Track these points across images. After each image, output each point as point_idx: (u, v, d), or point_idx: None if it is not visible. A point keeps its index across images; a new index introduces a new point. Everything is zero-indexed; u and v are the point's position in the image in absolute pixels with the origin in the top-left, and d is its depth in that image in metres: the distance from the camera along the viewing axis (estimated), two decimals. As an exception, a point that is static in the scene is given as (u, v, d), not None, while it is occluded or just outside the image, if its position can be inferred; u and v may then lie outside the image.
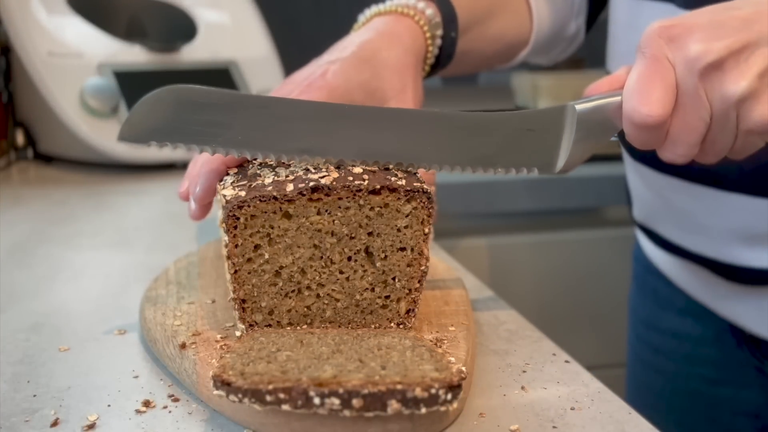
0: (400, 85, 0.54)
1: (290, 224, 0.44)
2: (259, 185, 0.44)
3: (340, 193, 0.44)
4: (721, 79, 0.41)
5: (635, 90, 0.43)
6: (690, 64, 0.42)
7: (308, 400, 0.36)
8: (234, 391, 0.37)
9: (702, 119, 0.43)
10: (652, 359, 0.78)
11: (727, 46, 0.41)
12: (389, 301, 0.47)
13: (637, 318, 0.81)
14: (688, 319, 0.72)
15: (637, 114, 0.43)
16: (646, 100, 0.42)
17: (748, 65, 0.41)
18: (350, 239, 0.45)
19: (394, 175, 0.45)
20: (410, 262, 0.46)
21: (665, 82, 0.42)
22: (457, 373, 0.37)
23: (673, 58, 0.43)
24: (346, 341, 0.42)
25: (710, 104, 0.42)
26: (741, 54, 0.41)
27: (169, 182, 0.97)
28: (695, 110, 0.43)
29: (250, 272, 0.45)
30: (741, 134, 0.43)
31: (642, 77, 0.43)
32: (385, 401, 0.36)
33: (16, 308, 0.57)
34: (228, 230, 0.44)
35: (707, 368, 0.71)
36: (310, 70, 0.55)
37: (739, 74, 0.41)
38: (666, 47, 0.43)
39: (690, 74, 0.42)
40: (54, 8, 1.07)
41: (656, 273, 0.76)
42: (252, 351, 0.41)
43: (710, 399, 0.72)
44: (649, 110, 0.42)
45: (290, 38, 1.46)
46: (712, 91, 0.42)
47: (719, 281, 0.65)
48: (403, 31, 0.56)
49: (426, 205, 0.45)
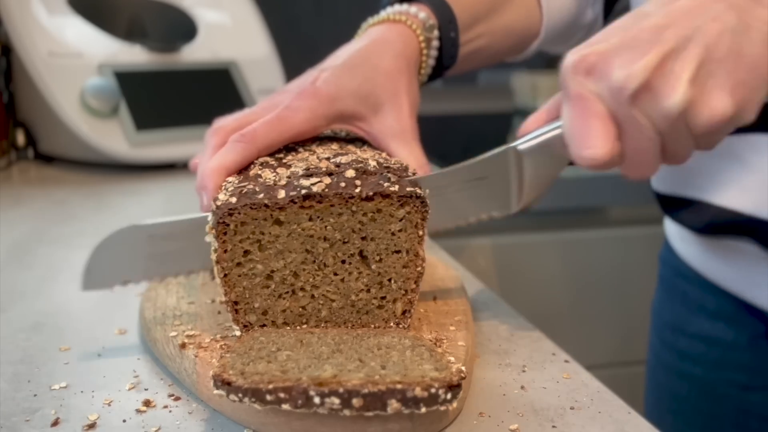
0: (393, 90, 0.54)
1: (281, 230, 0.44)
2: (250, 191, 0.44)
3: (332, 201, 0.43)
4: (654, 98, 0.40)
5: (572, 135, 0.42)
6: (617, 94, 0.41)
7: (308, 399, 0.36)
8: (234, 391, 0.37)
9: (649, 139, 0.42)
10: (677, 364, 0.76)
11: (647, 66, 0.40)
12: (385, 302, 0.46)
13: (662, 322, 0.79)
14: (720, 324, 0.71)
15: (583, 159, 0.42)
16: (586, 143, 0.41)
17: (675, 76, 0.40)
18: (343, 244, 0.45)
19: (387, 180, 0.44)
20: (406, 264, 0.46)
21: (598, 118, 0.41)
22: (456, 373, 0.37)
23: (598, 90, 0.41)
24: (345, 341, 0.42)
25: (653, 123, 0.41)
26: (664, 67, 0.40)
27: (169, 182, 0.97)
28: (640, 133, 0.41)
29: (240, 275, 0.44)
30: (699, 137, 0.42)
31: (574, 121, 0.42)
32: (385, 401, 0.36)
33: (16, 308, 0.57)
34: (218, 236, 0.43)
35: (738, 373, 0.70)
36: (302, 79, 0.55)
37: (670, 89, 0.40)
38: (586, 81, 0.42)
39: (620, 103, 0.41)
40: (54, 8, 1.07)
41: (686, 275, 0.74)
42: (252, 351, 0.41)
43: (739, 404, 0.71)
44: (592, 153, 0.41)
45: (290, 38, 1.46)
46: (649, 112, 0.41)
47: (762, 262, 0.63)
48: (395, 36, 0.56)
49: (419, 209, 0.44)
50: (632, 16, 0.43)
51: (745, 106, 0.41)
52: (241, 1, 1.24)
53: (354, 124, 0.54)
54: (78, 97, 1.01)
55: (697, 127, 0.41)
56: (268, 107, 0.53)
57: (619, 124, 0.42)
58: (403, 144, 0.53)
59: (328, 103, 0.52)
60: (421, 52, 0.58)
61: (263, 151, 0.49)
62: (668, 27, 0.40)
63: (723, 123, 0.40)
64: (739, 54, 0.40)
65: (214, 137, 0.51)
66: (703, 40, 0.40)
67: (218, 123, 0.53)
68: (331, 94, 0.52)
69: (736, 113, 0.40)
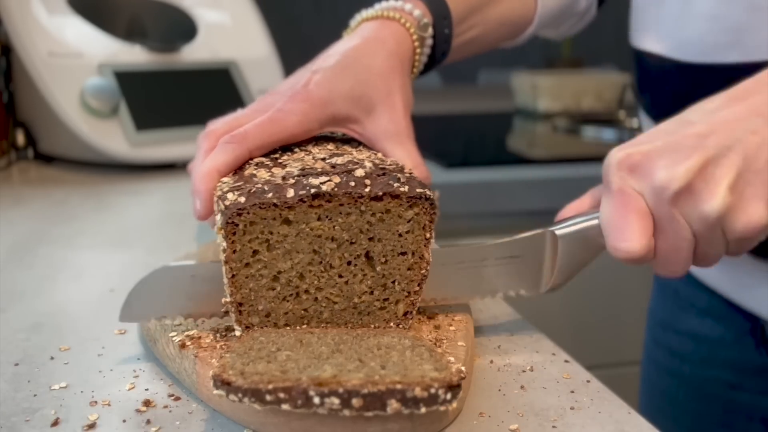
0: (386, 90, 0.54)
1: (290, 230, 0.44)
2: (258, 191, 0.43)
3: (342, 200, 0.43)
4: (694, 201, 0.41)
5: (610, 228, 0.43)
6: (658, 193, 0.42)
7: (308, 399, 0.36)
8: (234, 391, 0.37)
9: (685, 239, 0.43)
10: (668, 362, 0.77)
11: (690, 169, 0.41)
12: (387, 304, 0.46)
13: (655, 320, 0.80)
14: (708, 320, 0.71)
15: (618, 252, 0.43)
16: (622, 236, 0.43)
17: (716, 181, 0.41)
18: (351, 244, 0.45)
19: (396, 180, 0.44)
20: (411, 266, 0.45)
21: (638, 214, 0.42)
22: (456, 373, 0.37)
23: (639, 188, 0.43)
24: (345, 341, 0.42)
25: (690, 224, 0.42)
26: (706, 171, 0.41)
27: (169, 182, 0.97)
28: (676, 233, 0.43)
29: (248, 277, 0.44)
30: (732, 242, 0.43)
31: (613, 214, 0.43)
32: (384, 401, 0.36)
33: (16, 308, 0.57)
34: (226, 236, 0.43)
35: (725, 371, 0.71)
36: (294, 79, 0.55)
37: (709, 193, 0.41)
38: (629, 178, 0.43)
39: (661, 202, 0.42)
40: (54, 8, 1.07)
41: None
42: (252, 351, 0.41)
43: (726, 404, 0.71)
44: (628, 246, 0.42)
45: (290, 38, 1.46)
46: (688, 213, 0.42)
47: (749, 266, 0.64)
48: (388, 35, 0.56)
49: (428, 211, 0.44)
50: (676, 121, 0.44)
51: None
52: (241, 1, 1.24)
53: (347, 127, 0.54)
54: (78, 97, 1.01)
55: (732, 232, 0.42)
56: (260, 109, 0.53)
57: (656, 223, 0.43)
58: (399, 144, 0.53)
59: (321, 107, 0.52)
60: (414, 51, 0.57)
61: (254, 153, 0.49)
62: (710, 135, 0.42)
63: (758, 230, 0.42)
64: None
65: (205, 141, 0.51)
66: (742, 151, 0.41)
67: (210, 126, 0.53)
68: (323, 97, 0.52)
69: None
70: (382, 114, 0.53)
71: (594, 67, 2.02)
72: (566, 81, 1.75)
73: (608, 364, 1.27)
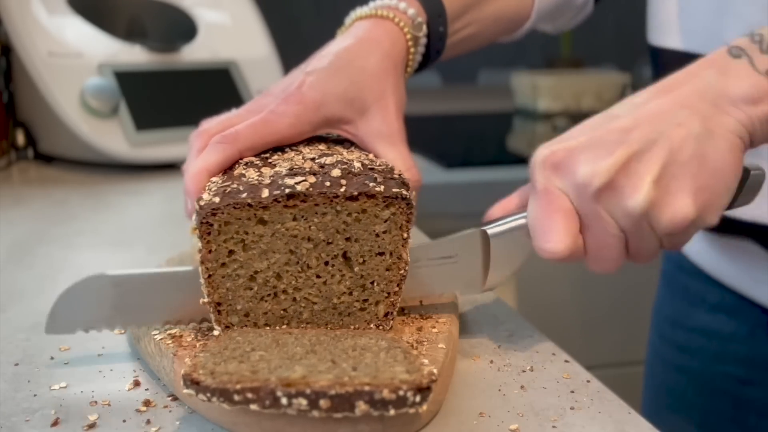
0: (380, 92, 0.54)
1: (265, 230, 0.44)
2: (233, 191, 0.43)
3: (317, 200, 0.43)
4: (618, 197, 0.41)
5: (535, 228, 0.43)
6: (581, 190, 0.42)
7: (276, 400, 0.35)
8: (203, 390, 0.36)
9: (612, 236, 0.42)
10: (676, 358, 0.76)
11: (612, 164, 0.41)
12: (367, 305, 0.46)
13: (662, 317, 0.80)
14: (720, 315, 0.71)
15: (544, 252, 0.43)
16: (547, 237, 0.43)
17: (639, 176, 0.41)
18: (327, 244, 0.44)
19: (372, 180, 0.44)
20: (389, 267, 0.45)
21: (562, 213, 0.42)
22: (427, 376, 0.37)
23: (563, 186, 0.43)
24: (322, 342, 0.42)
25: (616, 221, 0.42)
26: (629, 167, 0.41)
27: (169, 182, 0.97)
28: (602, 230, 0.42)
29: (224, 276, 0.44)
30: (663, 237, 0.43)
31: (538, 214, 0.43)
32: (353, 402, 0.35)
33: (16, 308, 0.57)
34: (201, 236, 0.43)
35: (737, 367, 0.70)
36: (288, 81, 0.55)
37: (632, 188, 0.41)
38: (553, 176, 0.43)
39: (585, 200, 0.42)
40: (54, 8, 1.07)
41: (688, 269, 0.74)
42: (226, 350, 0.40)
43: (736, 399, 0.71)
44: (552, 247, 0.42)
45: (290, 38, 1.46)
46: (612, 210, 0.42)
47: (763, 261, 0.63)
48: (382, 35, 0.56)
49: (405, 211, 0.44)
50: (602, 117, 0.44)
51: (707, 210, 0.42)
52: (241, 1, 1.24)
53: (340, 128, 0.54)
54: (78, 97, 1.01)
55: (659, 227, 0.42)
56: (254, 110, 0.53)
57: (582, 221, 0.43)
58: (390, 146, 0.53)
59: (314, 110, 0.51)
60: (408, 50, 0.57)
61: (245, 153, 0.49)
62: (634, 129, 0.42)
63: (684, 225, 0.41)
64: (703, 159, 0.41)
65: (197, 140, 0.51)
66: (667, 144, 0.41)
67: (203, 126, 0.53)
68: (316, 100, 0.52)
69: (698, 216, 0.41)
70: (375, 115, 0.53)
71: (594, 67, 2.02)
72: (566, 81, 1.75)
73: (608, 364, 1.27)
